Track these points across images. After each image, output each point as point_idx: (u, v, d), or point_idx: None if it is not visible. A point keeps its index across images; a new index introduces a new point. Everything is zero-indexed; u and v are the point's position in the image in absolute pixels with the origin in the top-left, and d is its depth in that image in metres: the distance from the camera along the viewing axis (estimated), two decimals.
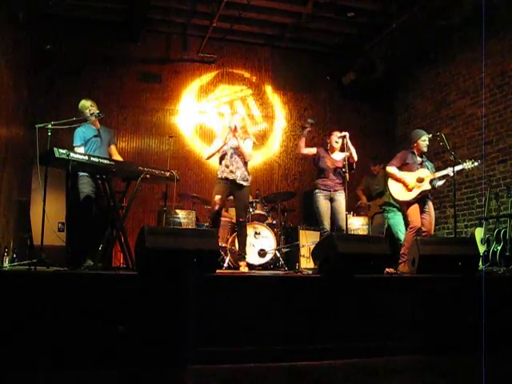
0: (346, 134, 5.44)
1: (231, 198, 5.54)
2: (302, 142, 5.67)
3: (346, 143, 5.41)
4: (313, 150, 5.68)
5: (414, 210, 5.44)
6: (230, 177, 5.22)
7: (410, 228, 5.47)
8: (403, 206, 5.69)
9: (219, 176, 5.31)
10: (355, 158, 5.50)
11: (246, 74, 8.71)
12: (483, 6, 5.94)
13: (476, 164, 5.40)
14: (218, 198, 5.17)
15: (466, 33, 7.45)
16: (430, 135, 5.59)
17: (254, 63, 8.75)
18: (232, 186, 5.25)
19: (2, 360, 3.05)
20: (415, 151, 5.59)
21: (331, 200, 5.52)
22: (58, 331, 3.19)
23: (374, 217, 7.06)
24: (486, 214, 6.46)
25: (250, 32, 8.33)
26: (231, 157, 5.28)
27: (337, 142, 5.60)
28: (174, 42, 8.30)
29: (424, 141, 5.54)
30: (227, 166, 5.25)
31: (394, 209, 6.90)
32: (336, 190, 5.50)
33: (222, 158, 5.35)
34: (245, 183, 5.28)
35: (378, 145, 8.69)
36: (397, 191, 5.53)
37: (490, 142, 7.07)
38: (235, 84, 8.63)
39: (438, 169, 5.74)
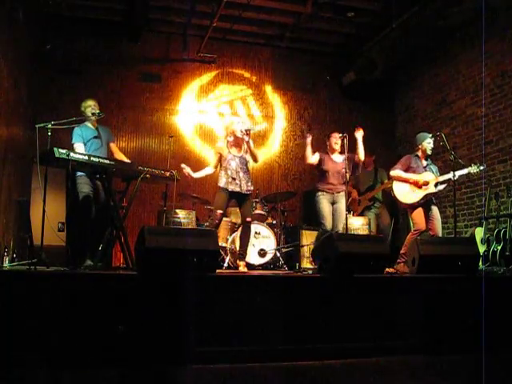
0: (361, 133, 5.50)
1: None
2: (309, 152, 5.61)
3: (356, 144, 5.47)
4: (317, 157, 5.69)
5: (418, 213, 5.44)
6: (236, 189, 5.08)
7: (415, 230, 5.45)
8: (407, 209, 5.68)
9: (222, 186, 5.10)
10: (362, 157, 5.56)
11: (246, 74, 8.71)
12: (483, 6, 5.94)
13: (481, 168, 5.41)
14: (219, 212, 5.07)
15: (465, 33, 7.46)
16: (433, 138, 5.59)
17: (254, 63, 8.74)
18: (236, 196, 5.15)
19: (3, 360, 3.05)
20: (419, 154, 5.60)
21: (333, 203, 5.56)
22: (58, 331, 3.19)
23: (364, 212, 7.05)
24: (486, 213, 6.46)
25: (250, 32, 8.32)
26: (236, 167, 5.12)
27: (336, 144, 5.63)
28: (174, 42, 8.29)
29: (429, 143, 5.56)
30: (233, 178, 5.07)
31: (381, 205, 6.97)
32: (338, 192, 5.53)
33: (225, 168, 5.14)
34: (249, 192, 5.21)
35: (378, 145, 8.67)
36: (402, 194, 5.50)
37: (489, 141, 7.07)
38: (235, 84, 8.63)
39: (438, 168, 5.74)
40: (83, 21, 7.71)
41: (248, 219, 5.23)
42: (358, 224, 6.68)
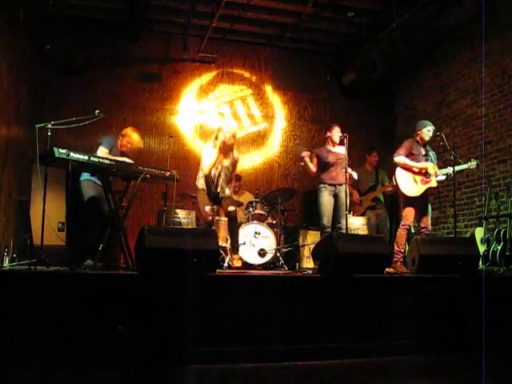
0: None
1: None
2: (311, 167, 5.76)
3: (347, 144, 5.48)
4: (315, 159, 5.78)
5: (410, 210, 5.45)
6: (217, 193, 5.27)
7: (403, 225, 5.46)
8: (403, 200, 5.63)
9: (202, 188, 5.28)
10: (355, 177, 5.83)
11: (246, 74, 8.71)
12: (483, 6, 5.93)
13: (478, 163, 5.50)
14: (208, 208, 5.19)
15: (466, 33, 7.45)
16: (435, 132, 5.60)
17: (253, 63, 8.74)
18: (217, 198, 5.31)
19: (3, 360, 3.05)
20: (419, 140, 5.59)
21: (335, 196, 5.57)
22: (58, 331, 3.19)
23: (365, 213, 7.03)
24: (486, 213, 6.46)
25: (250, 32, 8.33)
26: (219, 175, 5.28)
27: (338, 137, 5.66)
28: (174, 42, 8.29)
29: (429, 131, 5.56)
30: (216, 186, 5.26)
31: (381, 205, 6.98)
32: (340, 184, 5.55)
33: (208, 176, 5.26)
34: (228, 193, 5.38)
35: (378, 145, 8.66)
36: (405, 184, 5.45)
37: (489, 141, 7.07)
38: (235, 84, 8.63)
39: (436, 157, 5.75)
40: (83, 21, 7.70)
41: (231, 210, 5.32)
42: (358, 224, 6.67)
